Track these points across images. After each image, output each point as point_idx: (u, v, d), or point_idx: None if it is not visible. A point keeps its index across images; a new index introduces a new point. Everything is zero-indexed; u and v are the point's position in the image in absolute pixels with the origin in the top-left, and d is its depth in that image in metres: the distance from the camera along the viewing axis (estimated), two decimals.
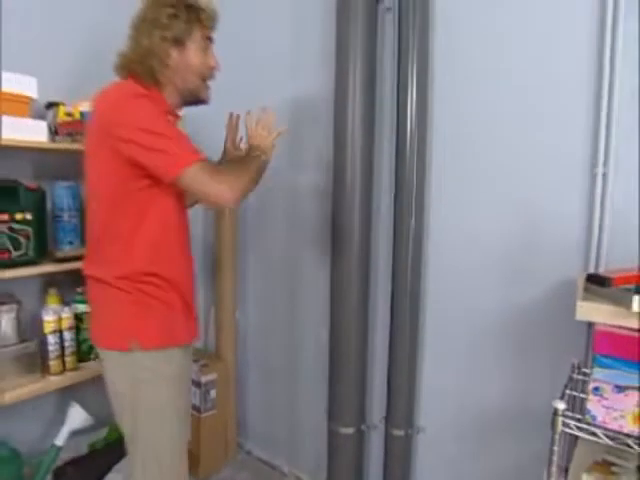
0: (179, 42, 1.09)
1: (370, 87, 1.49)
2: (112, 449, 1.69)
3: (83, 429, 1.55)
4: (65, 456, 1.60)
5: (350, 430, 1.61)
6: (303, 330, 1.90)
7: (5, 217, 1.24)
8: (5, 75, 1.30)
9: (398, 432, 1.55)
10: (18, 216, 1.27)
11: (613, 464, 0.98)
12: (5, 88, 1.29)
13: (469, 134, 1.41)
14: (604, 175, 1.17)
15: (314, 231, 1.79)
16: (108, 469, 1.64)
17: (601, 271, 1.19)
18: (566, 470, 1.06)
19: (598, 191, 1.18)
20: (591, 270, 1.21)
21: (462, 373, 1.49)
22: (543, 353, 1.31)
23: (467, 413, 1.48)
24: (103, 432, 1.74)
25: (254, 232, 2.04)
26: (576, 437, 1.01)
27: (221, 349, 2.01)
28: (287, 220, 1.90)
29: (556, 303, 1.26)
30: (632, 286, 0.91)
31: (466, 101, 1.41)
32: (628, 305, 0.85)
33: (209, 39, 1.15)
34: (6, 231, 1.25)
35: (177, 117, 1.19)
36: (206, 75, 1.16)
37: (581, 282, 1.03)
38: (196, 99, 1.17)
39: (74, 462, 1.62)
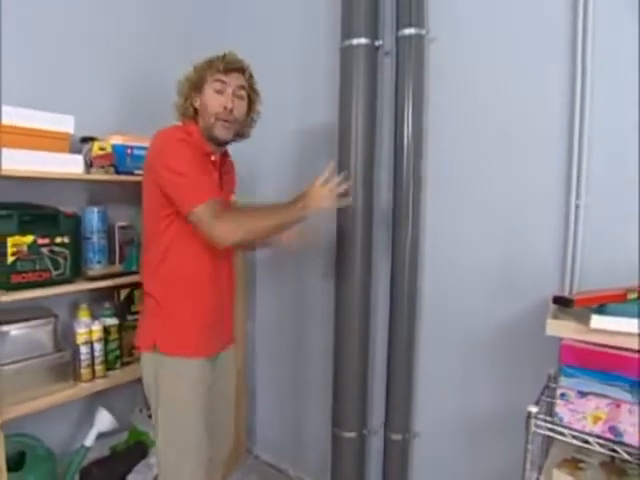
0: (198, 87, 1.29)
1: (371, 120, 1.65)
2: (132, 451, 1.82)
3: (109, 432, 1.69)
4: (90, 457, 1.74)
5: (352, 434, 1.74)
6: (309, 342, 2.04)
7: (47, 241, 1.40)
8: (46, 115, 1.47)
9: (396, 436, 1.68)
10: (58, 240, 1.43)
11: (581, 461, 1.12)
12: (47, 126, 1.46)
13: (459, 163, 1.57)
14: (577, 207, 1.32)
15: (320, 249, 1.95)
16: (129, 470, 1.78)
17: (574, 291, 1.34)
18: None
19: (572, 220, 1.34)
20: (566, 289, 1.36)
21: (455, 382, 1.62)
22: (527, 364, 1.45)
23: (459, 419, 1.62)
24: (124, 436, 1.87)
25: (265, 253, 2.17)
26: (551, 438, 1.16)
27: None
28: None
29: (537, 319, 1.37)
30: (593, 306, 1.06)
31: (458, 131, 1.56)
32: (587, 323, 1.00)
33: (221, 82, 1.26)
34: (47, 253, 1.41)
35: (209, 156, 1.30)
36: (219, 114, 1.26)
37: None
38: (210, 136, 1.29)
39: (98, 463, 1.75)
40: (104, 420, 1.65)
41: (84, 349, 1.55)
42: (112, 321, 1.66)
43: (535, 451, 1.21)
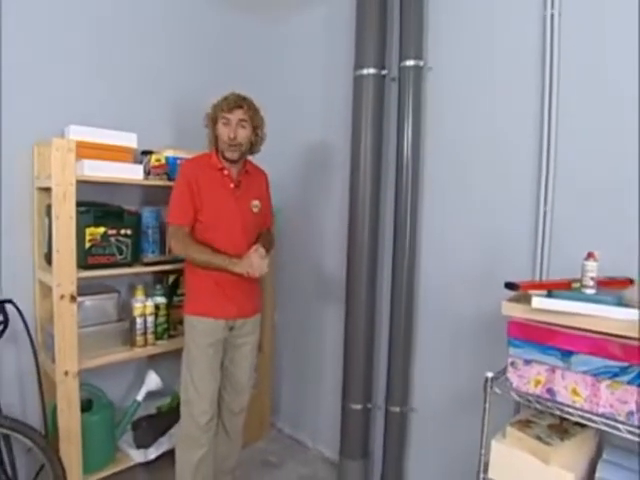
0: (214, 121, 1.69)
1: (377, 136, 1.93)
2: (174, 411, 2.16)
3: (156, 391, 2.05)
4: (139, 413, 2.10)
5: (359, 406, 2.02)
6: (324, 331, 2.35)
7: (114, 232, 1.78)
8: (116, 133, 1.86)
9: (395, 409, 1.95)
10: (122, 231, 1.81)
11: (532, 422, 1.35)
12: (116, 142, 1.85)
13: (451, 182, 1.84)
14: (544, 213, 1.56)
15: (333, 245, 2.25)
16: (170, 426, 2.12)
17: (543, 280, 1.56)
18: None
19: (540, 224, 1.57)
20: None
21: (445, 365, 1.88)
22: (503, 345, 1.68)
23: (449, 397, 1.86)
24: (168, 399, 2.22)
25: (288, 253, 2.52)
26: (519, 405, 1.39)
27: (263, 343, 2.43)
28: (311, 239, 2.38)
29: None
30: (544, 291, 1.29)
31: (450, 148, 1.83)
32: (530, 303, 1.24)
33: (226, 118, 1.65)
34: (114, 242, 1.79)
35: (222, 171, 1.69)
36: (226, 142, 1.65)
37: None
38: (223, 157, 1.69)
39: (147, 418, 2.10)
40: (152, 381, 2.01)
41: (139, 320, 1.91)
42: (161, 300, 2.02)
43: (506, 415, 1.45)
